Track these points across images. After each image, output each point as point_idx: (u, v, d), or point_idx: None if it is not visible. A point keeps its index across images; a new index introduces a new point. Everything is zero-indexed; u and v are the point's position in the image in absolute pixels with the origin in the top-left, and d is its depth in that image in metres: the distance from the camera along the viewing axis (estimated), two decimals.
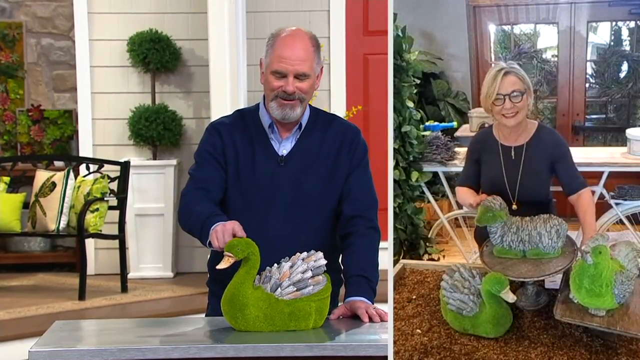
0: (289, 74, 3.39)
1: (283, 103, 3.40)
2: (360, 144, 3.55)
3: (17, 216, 7.13)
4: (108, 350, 2.88)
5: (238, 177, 3.46)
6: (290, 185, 3.43)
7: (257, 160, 3.46)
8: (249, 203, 3.44)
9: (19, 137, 8.31)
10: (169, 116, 7.73)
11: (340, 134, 3.53)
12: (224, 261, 3.02)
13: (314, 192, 3.44)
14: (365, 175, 3.54)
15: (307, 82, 3.42)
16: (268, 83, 3.44)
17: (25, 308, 6.47)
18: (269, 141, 3.48)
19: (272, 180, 3.44)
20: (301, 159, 3.47)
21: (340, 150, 3.49)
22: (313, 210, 3.44)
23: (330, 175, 3.46)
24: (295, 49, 3.41)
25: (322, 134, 3.51)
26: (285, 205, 3.42)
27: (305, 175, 3.45)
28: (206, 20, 7.07)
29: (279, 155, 3.47)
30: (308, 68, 3.42)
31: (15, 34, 8.40)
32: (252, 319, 3.02)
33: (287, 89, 3.39)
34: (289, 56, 3.39)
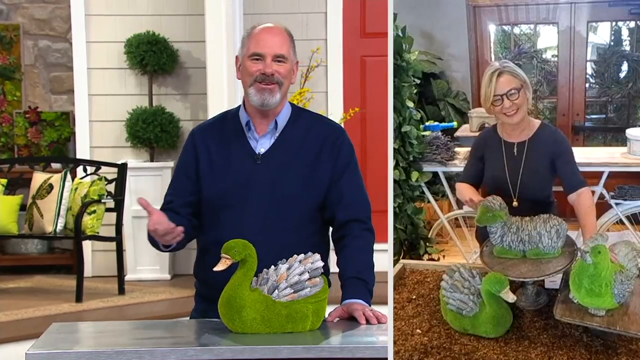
0: (267, 55, 3.41)
1: (262, 87, 3.41)
2: (345, 145, 3.54)
3: (14, 218, 7.11)
4: (105, 353, 2.87)
5: (213, 177, 3.46)
6: (267, 183, 3.42)
7: (234, 159, 3.46)
8: (225, 202, 3.42)
9: (16, 139, 8.29)
10: (166, 118, 7.72)
11: (322, 134, 3.51)
12: (221, 263, 3.01)
13: (292, 191, 3.42)
14: (356, 178, 3.52)
15: (285, 66, 3.43)
16: (246, 69, 3.44)
17: (22, 310, 6.45)
18: (246, 140, 3.48)
19: (249, 179, 3.43)
20: (279, 157, 3.45)
21: (322, 150, 3.47)
22: (291, 210, 3.41)
23: (310, 174, 3.44)
24: (272, 33, 3.45)
25: (303, 133, 3.49)
26: (262, 204, 3.40)
27: (283, 174, 3.43)
28: (203, 22, 7.07)
29: (256, 153, 3.46)
30: (286, 51, 3.44)
31: (12, 36, 8.39)
32: (250, 321, 3.01)
33: (265, 70, 3.40)
34: (266, 39, 3.43)
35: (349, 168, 3.50)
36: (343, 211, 3.45)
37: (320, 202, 3.46)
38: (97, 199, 6.86)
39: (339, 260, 3.45)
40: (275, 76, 3.41)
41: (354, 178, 3.51)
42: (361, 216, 3.47)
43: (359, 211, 3.47)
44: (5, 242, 8.02)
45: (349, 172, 3.50)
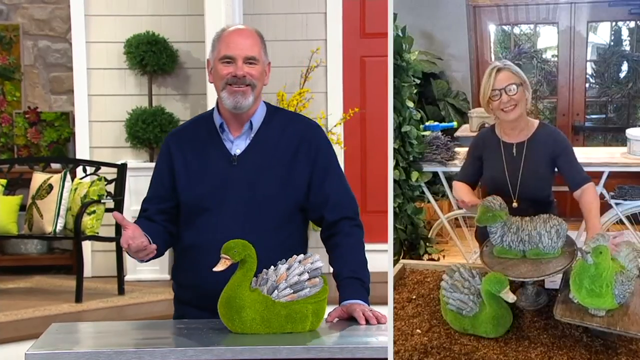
0: (237, 57, 3.38)
1: (234, 90, 3.39)
2: (322, 143, 3.52)
3: (14, 218, 7.11)
4: (105, 353, 2.87)
5: (189, 181, 3.44)
6: (244, 184, 3.39)
7: (210, 161, 3.44)
8: (202, 205, 3.40)
9: (15, 140, 8.30)
10: (166, 118, 7.73)
11: (298, 133, 3.49)
12: (221, 263, 3.01)
13: (269, 192, 3.40)
14: (339, 177, 3.51)
15: (256, 68, 3.41)
16: (217, 72, 3.42)
17: (22, 310, 6.45)
18: (221, 142, 3.46)
19: (225, 180, 3.41)
20: (256, 158, 3.43)
21: (299, 150, 3.45)
22: (269, 211, 3.39)
23: (287, 175, 3.42)
24: (242, 36, 3.43)
25: (279, 133, 3.47)
26: (240, 205, 3.38)
27: (260, 175, 3.41)
28: (203, 22, 7.07)
29: (232, 154, 3.44)
30: (257, 53, 3.41)
31: (12, 36, 8.39)
32: (249, 322, 3.01)
33: (237, 72, 3.38)
34: (237, 41, 3.41)
35: (330, 168, 3.50)
36: (331, 212, 3.44)
37: (299, 202, 3.45)
38: (96, 199, 6.86)
39: (332, 260, 3.44)
40: (247, 78, 3.38)
41: (337, 177, 3.50)
42: (350, 214, 3.46)
43: (347, 210, 3.47)
44: (5, 242, 8.02)
45: (331, 171, 3.49)
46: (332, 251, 3.44)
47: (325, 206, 3.44)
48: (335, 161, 3.53)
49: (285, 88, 7.65)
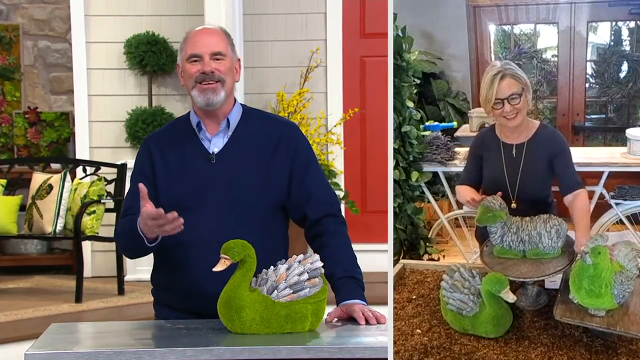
0: (204, 54, 3.40)
1: (204, 87, 3.40)
2: (300, 142, 3.53)
3: (14, 219, 7.11)
4: (104, 353, 2.87)
5: (169, 182, 3.43)
6: (223, 183, 3.39)
7: (188, 161, 3.44)
8: (183, 205, 3.35)
9: (15, 140, 8.30)
10: (166, 118, 7.73)
11: (276, 132, 3.49)
12: (221, 263, 3.01)
13: (249, 189, 3.40)
14: (319, 174, 3.53)
15: (224, 63, 3.42)
16: (186, 72, 3.44)
17: (21, 310, 6.45)
18: (199, 141, 3.46)
19: (204, 179, 3.40)
20: (234, 156, 3.43)
21: (277, 148, 3.45)
22: (249, 209, 3.39)
23: (267, 173, 3.42)
24: (207, 33, 3.46)
25: (257, 131, 3.48)
26: (219, 203, 3.38)
27: (239, 173, 3.41)
28: (203, 22, 7.04)
29: (210, 152, 3.44)
30: (223, 48, 3.43)
31: (12, 36, 8.40)
32: (249, 322, 3.01)
33: (204, 69, 3.39)
34: (201, 39, 3.43)
35: (310, 165, 3.50)
36: (314, 209, 3.45)
37: (279, 201, 3.45)
38: (96, 199, 6.86)
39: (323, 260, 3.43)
40: (215, 74, 3.39)
41: (317, 174, 3.51)
42: (333, 210, 3.48)
43: (330, 206, 3.48)
44: (5, 242, 8.03)
45: (311, 169, 3.50)
46: (321, 251, 3.40)
47: (307, 204, 3.45)
48: (314, 159, 3.55)
49: (285, 88, 7.66)
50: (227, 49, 3.45)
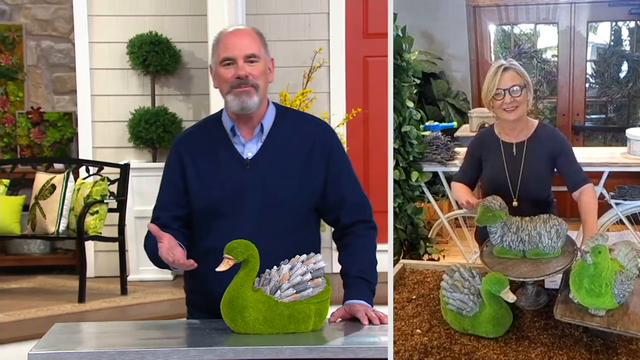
0: (237, 58, 3.35)
1: (238, 92, 3.35)
2: (335, 144, 3.50)
3: (17, 219, 7.12)
4: (107, 353, 2.87)
5: (203, 188, 3.41)
6: (259, 188, 3.37)
7: (222, 166, 3.41)
8: (217, 210, 3.37)
9: (18, 140, 8.31)
10: (169, 118, 7.73)
11: (311, 133, 3.46)
12: (224, 263, 3.01)
13: (284, 193, 3.37)
14: (353, 178, 3.50)
15: (257, 66, 3.38)
16: (220, 77, 3.40)
17: (24, 310, 6.45)
18: (232, 145, 3.43)
19: (239, 185, 3.38)
20: (268, 161, 3.40)
21: (313, 150, 3.43)
22: (285, 212, 3.37)
23: (302, 176, 3.40)
24: (240, 35, 3.40)
25: (291, 134, 3.45)
26: (255, 208, 3.36)
27: (274, 177, 3.38)
28: (206, 22, 7.07)
29: (244, 158, 3.40)
30: (256, 50, 3.38)
31: (15, 37, 8.40)
32: (252, 322, 3.01)
33: (239, 73, 3.34)
34: (235, 42, 3.37)
35: (344, 168, 3.48)
36: (348, 214, 3.44)
37: (314, 204, 3.44)
38: (99, 199, 6.87)
39: (341, 258, 3.44)
40: (249, 78, 3.35)
41: (352, 178, 3.49)
42: (365, 216, 3.46)
43: (363, 212, 3.46)
44: (8, 242, 8.03)
45: (346, 173, 3.48)
46: (343, 250, 3.44)
47: (341, 208, 3.44)
48: (348, 161, 3.52)
49: (288, 88, 7.65)
50: (260, 51, 3.40)
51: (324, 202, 3.45)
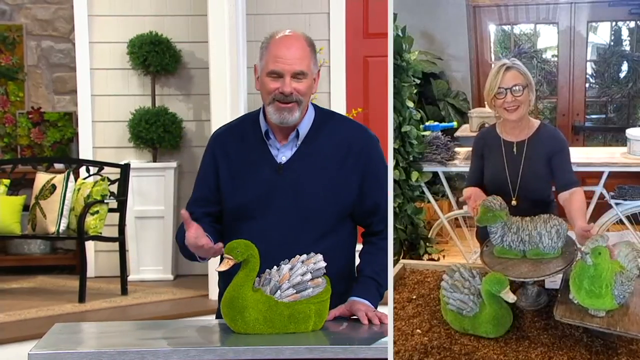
0: (285, 73, 3.27)
1: (280, 107, 3.29)
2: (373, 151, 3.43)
3: (17, 219, 7.12)
4: (107, 353, 2.88)
5: (234, 188, 3.38)
6: (290, 194, 3.33)
7: (255, 169, 3.37)
8: (247, 214, 3.34)
9: (19, 140, 8.31)
10: (169, 118, 7.73)
11: (347, 140, 3.40)
12: (224, 263, 3.02)
13: (315, 201, 3.33)
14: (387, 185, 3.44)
15: (304, 83, 3.31)
16: (264, 86, 3.32)
17: (25, 310, 6.46)
18: (267, 148, 3.39)
19: (270, 189, 3.34)
20: (302, 167, 3.36)
21: (347, 158, 3.37)
22: (315, 219, 3.33)
23: (334, 184, 3.35)
24: (291, 48, 3.30)
25: (326, 140, 3.39)
26: (284, 214, 3.32)
27: (306, 184, 3.34)
28: (206, 22, 7.07)
29: (278, 163, 3.37)
30: (305, 67, 3.30)
31: (15, 37, 8.40)
32: (252, 322, 3.01)
33: (284, 89, 3.27)
34: (284, 55, 3.28)
35: (380, 176, 3.38)
36: (380, 223, 3.38)
37: (345, 212, 3.39)
38: (100, 199, 6.87)
39: (362, 254, 3.42)
40: (294, 95, 3.29)
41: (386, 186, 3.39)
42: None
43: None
44: (9, 242, 8.03)
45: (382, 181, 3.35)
46: (366, 246, 3.43)
47: (374, 216, 3.40)
48: (385, 169, 3.37)
49: None
50: (309, 66, 3.32)
51: (358, 209, 3.41)
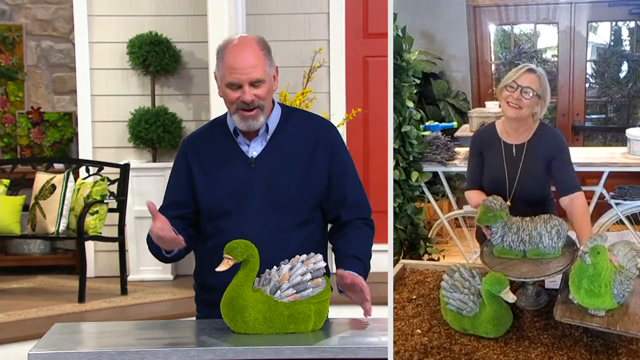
0: (243, 83, 3.34)
1: (245, 115, 3.37)
2: (338, 143, 3.54)
3: (17, 219, 7.12)
4: (107, 353, 2.88)
5: (208, 186, 3.45)
6: (263, 186, 3.40)
7: (227, 165, 3.45)
8: (222, 208, 3.41)
9: (18, 140, 8.31)
10: (169, 118, 7.73)
11: (315, 133, 3.49)
12: (224, 263, 3.02)
13: (288, 192, 3.41)
14: (355, 177, 3.53)
15: (263, 88, 3.37)
16: (226, 96, 3.40)
17: (24, 310, 6.46)
18: (237, 145, 3.47)
19: (244, 183, 3.41)
20: (273, 160, 3.44)
21: (316, 149, 3.46)
22: (289, 211, 3.40)
23: (305, 174, 3.43)
24: (244, 57, 3.36)
25: (295, 133, 3.48)
26: (260, 206, 3.39)
27: (278, 176, 3.42)
28: (206, 22, 7.07)
29: (249, 157, 3.45)
30: (261, 73, 3.36)
31: (15, 37, 8.41)
32: (252, 322, 3.02)
33: (244, 98, 3.34)
34: (239, 66, 3.34)
35: (347, 167, 3.52)
36: (348, 212, 3.48)
37: (317, 201, 3.47)
38: (99, 199, 6.87)
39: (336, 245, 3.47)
40: (255, 101, 3.36)
41: (354, 178, 3.52)
42: (364, 214, 3.50)
43: (362, 211, 3.50)
44: (8, 242, 8.04)
45: (348, 171, 3.51)
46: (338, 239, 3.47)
47: (342, 206, 3.47)
48: (350, 161, 3.55)
49: (287, 88, 7.65)
50: (265, 71, 3.37)
51: (327, 201, 3.48)
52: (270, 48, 3.47)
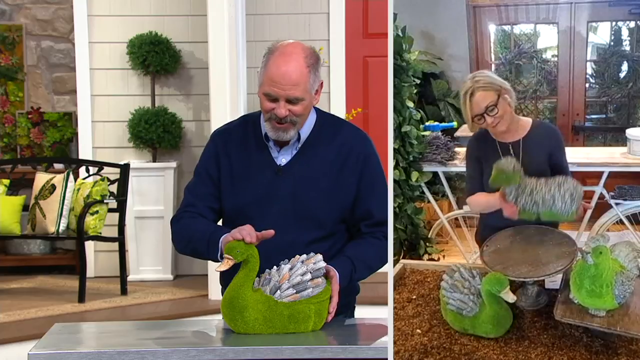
0: (280, 98, 3.25)
1: (276, 126, 3.29)
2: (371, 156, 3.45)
3: (17, 219, 7.12)
4: (107, 353, 2.88)
5: (233, 188, 3.38)
6: (288, 196, 3.34)
7: (254, 170, 3.37)
8: (245, 215, 3.32)
9: (18, 140, 8.30)
10: (169, 119, 7.73)
11: (347, 144, 3.41)
12: (224, 263, 3.02)
13: (313, 204, 3.33)
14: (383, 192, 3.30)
15: (300, 106, 3.29)
16: (261, 102, 3.31)
17: (24, 310, 6.47)
18: (267, 150, 3.39)
19: (269, 190, 3.35)
20: (301, 170, 3.36)
21: (346, 162, 3.38)
22: (311, 224, 3.34)
23: (333, 188, 3.36)
24: (287, 72, 3.25)
25: (327, 143, 3.40)
26: (283, 217, 3.32)
27: (305, 187, 3.34)
28: (206, 22, 7.07)
29: (277, 165, 3.38)
30: (301, 92, 3.27)
31: (15, 37, 8.40)
32: (252, 322, 3.02)
33: (278, 112, 3.26)
34: (279, 80, 3.23)
35: (375, 183, 3.41)
36: (369, 227, 3.39)
37: (342, 216, 3.40)
38: (99, 199, 6.87)
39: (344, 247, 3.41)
40: (288, 117, 3.28)
41: (381, 194, 3.33)
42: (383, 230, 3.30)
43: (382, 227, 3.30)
44: (8, 242, 8.03)
45: (377, 187, 3.40)
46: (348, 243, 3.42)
47: (365, 221, 3.40)
48: (380, 174, 3.44)
49: None
50: (306, 90, 3.28)
51: (351, 215, 3.41)
52: (320, 59, 3.38)
